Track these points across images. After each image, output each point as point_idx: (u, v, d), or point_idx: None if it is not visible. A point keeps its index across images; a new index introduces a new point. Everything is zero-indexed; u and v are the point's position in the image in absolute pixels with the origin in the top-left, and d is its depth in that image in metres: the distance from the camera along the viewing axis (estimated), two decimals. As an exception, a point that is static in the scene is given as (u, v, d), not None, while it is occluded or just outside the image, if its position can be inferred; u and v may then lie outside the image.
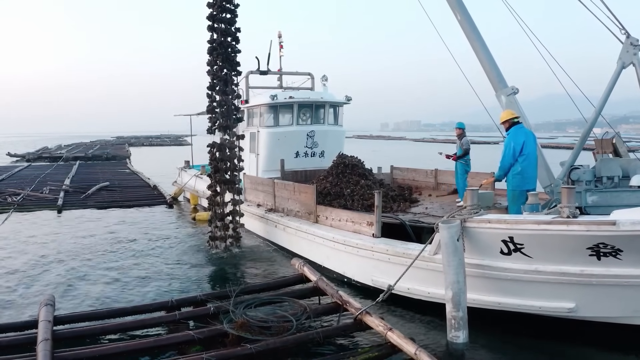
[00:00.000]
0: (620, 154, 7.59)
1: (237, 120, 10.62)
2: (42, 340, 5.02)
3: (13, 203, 16.65)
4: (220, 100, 10.26)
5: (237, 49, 10.32)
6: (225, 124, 10.26)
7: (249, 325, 5.49)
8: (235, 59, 10.29)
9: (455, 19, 7.62)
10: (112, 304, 7.25)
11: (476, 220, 5.76)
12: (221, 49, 10.01)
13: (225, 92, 10.20)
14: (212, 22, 10.05)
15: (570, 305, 5.66)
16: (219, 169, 10.33)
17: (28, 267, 9.36)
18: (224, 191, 10.40)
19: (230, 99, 10.32)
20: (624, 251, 5.11)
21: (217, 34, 10.04)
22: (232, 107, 10.43)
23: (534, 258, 5.62)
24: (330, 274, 8.39)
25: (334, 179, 10.58)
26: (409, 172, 13.32)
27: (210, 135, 10.84)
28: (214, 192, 10.43)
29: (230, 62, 10.17)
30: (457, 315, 5.57)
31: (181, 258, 10.03)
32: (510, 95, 7.32)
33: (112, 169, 30.56)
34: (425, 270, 6.45)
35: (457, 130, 10.22)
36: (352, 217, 8.21)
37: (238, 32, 10.26)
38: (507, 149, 6.91)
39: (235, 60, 10.30)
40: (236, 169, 10.48)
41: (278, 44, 14.53)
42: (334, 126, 13.76)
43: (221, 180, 10.36)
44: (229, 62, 10.16)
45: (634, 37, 6.73)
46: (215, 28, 10.03)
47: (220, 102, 10.27)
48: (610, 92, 7.03)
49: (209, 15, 10.08)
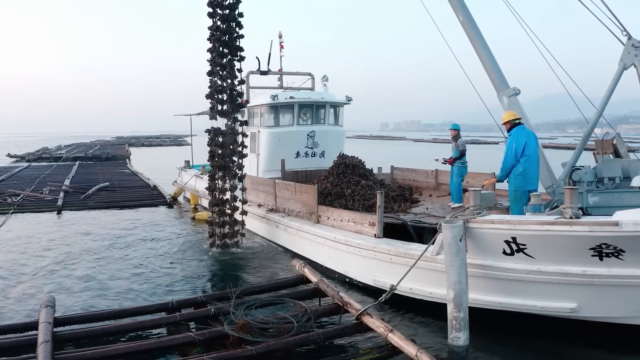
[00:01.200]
0: (620, 154, 7.60)
1: (239, 107, 10.52)
2: (42, 342, 5.00)
3: (13, 204, 16.62)
4: (220, 86, 10.16)
5: (240, 34, 10.12)
6: (226, 110, 10.19)
7: (250, 326, 5.47)
8: (236, 44, 10.07)
9: (458, 20, 7.61)
10: (112, 305, 7.23)
11: (479, 221, 5.76)
12: (219, 33, 9.89)
13: (224, 77, 10.10)
14: (213, 8, 9.93)
15: (573, 305, 5.67)
16: (215, 155, 10.29)
17: (28, 269, 9.34)
18: (222, 177, 10.35)
19: (230, 83, 10.18)
20: (626, 251, 5.12)
21: (217, 20, 9.90)
22: (235, 93, 10.29)
23: (536, 258, 5.61)
24: (331, 274, 8.39)
25: (334, 179, 10.56)
26: (409, 172, 13.32)
27: None
28: (211, 177, 10.41)
29: (230, 47, 10.02)
30: (459, 316, 5.57)
31: (182, 258, 10.01)
32: (512, 97, 7.31)
33: (112, 170, 30.53)
34: (427, 270, 6.44)
35: (452, 132, 10.18)
36: (354, 217, 8.20)
37: (240, 17, 10.08)
38: (509, 149, 6.91)
39: (237, 45, 10.08)
40: (234, 155, 10.39)
41: (278, 44, 14.53)
42: (334, 126, 13.76)
43: (217, 165, 10.30)
44: (228, 47, 10.02)
45: (635, 39, 6.73)
46: (215, 13, 9.91)
47: (219, 87, 10.16)
48: (612, 94, 7.03)
49: (210, 1, 9.98)
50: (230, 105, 10.22)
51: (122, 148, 60.21)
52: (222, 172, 10.36)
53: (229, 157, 10.32)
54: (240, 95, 10.52)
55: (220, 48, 9.98)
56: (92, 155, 44.74)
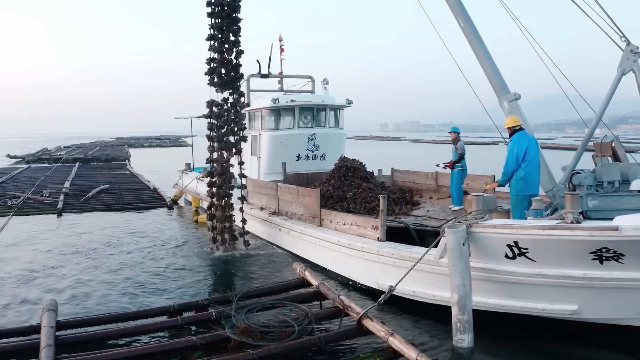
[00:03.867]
0: (619, 157, 7.65)
1: (239, 79, 10.50)
2: (45, 346, 5.02)
3: (13, 206, 16.63)
4: (218, 58, 10.15)
5: (238, 5, 10.18)
6: (225, 81, 10.18)
7: (251, 330, 5.49)
8: (233, 15, 10.12)
9: (458, 25, 7.63)
10: (114, 308, 7.24)
11: (482, 225, 5.81)
12: (217, 6, 9.97)
13: (222, 51, 10.11)
14: None
15: (574, 307, 5.73)
16: (213, 127, 10.32)
17: (30, 272, 9.34)
18: (219, 150, 10.35)
19: (228, 55, 10.18)
20: (626, 255, 5.18)
21: None
22: (234, 63, 10.29)
23: (538, 262, 5.66)
24: (334, 277, 8.43)
25: (336, 182, 10.59)
26: (409, 174, 13.34)
27: None
28: (210, 149, 10.45)
29: (229, 19, 10.06)
30: (463, 319, 5.62)
31: (183, 261, 10.03)
32: (512, 101, 7.34)
33: (112, 171, 30.54)
34: (430, 273, 6.49)
35: (452, 135, 10.24)
36: (357, 220, 8.23)
37: None
38: (510, 154, 6.96)
39: (234, 16, 10.12)
40: (234, 130, 10.42)
41: (279, 47, 14.56)
42: (335, 129, 13.78)
43: (214, 138, 10.32)
44: (229, 19, 10.05)
45: (634, 45, 6.76)
46: None
47: (215, 59, 10.16)
48: (611, 98, 7.06)
49: None
50: (227, 77, 10.19)
51: (121, 149, 60.12)
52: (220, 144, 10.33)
53: (227, 130, 10.30)
54: (239, 67, 10.43)
55: (219, 20, 10.02)
56: (92, 156, 44.77)
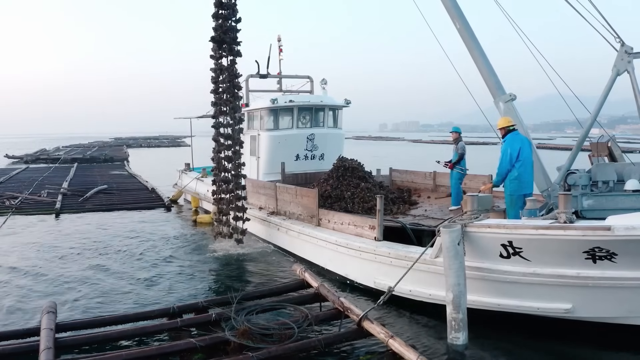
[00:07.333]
0: (615, 157, 7.70)
1: (237, 54, 10.87)
2: (44, 349, 5.02)
3: (11, 207, 16.64)
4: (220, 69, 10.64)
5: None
6: (228, 99, 10.65)
7: (251, 332, 5.50)
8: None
9: (455, 27, 7.68)
10: (113, 310, 7.25)
11: (476, 225, 5.87)
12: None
13: (226, 30, 10.55)
14: None
15: (567, 306, 5.80)
16: (219, 102, 10.73)
17: (28, 274, 9.36)
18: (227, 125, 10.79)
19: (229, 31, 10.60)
20: (619, 255, 5.25)
21: None
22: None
23: (532, 261, 5.73)
24: (332, 276, 8.48)
25: (334, 182, 10.64)
26: (407, 174, 13.41)
27: None
28: (216, 125, 10.78)
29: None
30: (458, 317, 5.68)
31: (182, 262, 10.06)
32: (508, 102, 7.40)
33: (110, 172, 30.54)
34: (426, 272, 6.55)
35: (453, 135, 10.32)
36: (355, 220, 8.28)
37: None
38: (504, 155, 7.03)
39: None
40: (235, 107, 10.79)
41: (278, 48, 14.61)
42: (333, 129, 13.84)
43: (220, 106, 10.72)
44: None
45: (628, 46, 6.82)
46: None
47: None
48: (605, 99, 7.12)
49: None
50: (231, 96, 10.69)
51: (120, 149, 60.06)
52: None
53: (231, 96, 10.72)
54: (238, 44, 10.83)
55: None
56: (91, 156, 44.72)
